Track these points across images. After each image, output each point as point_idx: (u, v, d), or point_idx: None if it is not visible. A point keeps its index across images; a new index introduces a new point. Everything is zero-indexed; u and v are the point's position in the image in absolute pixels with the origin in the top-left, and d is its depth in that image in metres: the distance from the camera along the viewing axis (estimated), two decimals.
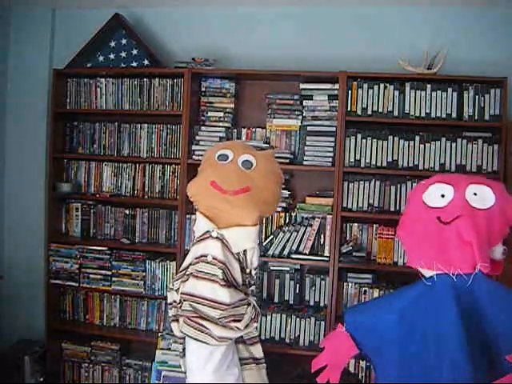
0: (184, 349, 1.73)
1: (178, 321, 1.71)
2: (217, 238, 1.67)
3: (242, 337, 1.75)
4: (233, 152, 1.76)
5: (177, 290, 1.72)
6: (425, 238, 1.60)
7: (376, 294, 3.10)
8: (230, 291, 1.62)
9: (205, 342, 1.62)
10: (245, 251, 1.71)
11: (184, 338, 1.73)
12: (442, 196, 1.61)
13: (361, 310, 1.80)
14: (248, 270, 1.74)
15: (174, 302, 1.73)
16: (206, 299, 1.61)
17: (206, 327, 1.61)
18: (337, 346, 1.71)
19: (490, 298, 1.50)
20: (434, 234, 1.58)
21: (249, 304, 1.70)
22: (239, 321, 1.65)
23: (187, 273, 1.70)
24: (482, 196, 1.57)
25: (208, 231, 1.69)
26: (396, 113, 3.06)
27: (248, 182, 1.70)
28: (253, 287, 1.80)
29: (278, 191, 1.82)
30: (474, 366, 1.40)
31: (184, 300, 1.67)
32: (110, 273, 3.38)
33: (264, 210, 1.76)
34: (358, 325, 1.71)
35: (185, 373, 1.75)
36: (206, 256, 1.66)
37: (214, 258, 1.64)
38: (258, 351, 1.83)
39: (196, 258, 1.69)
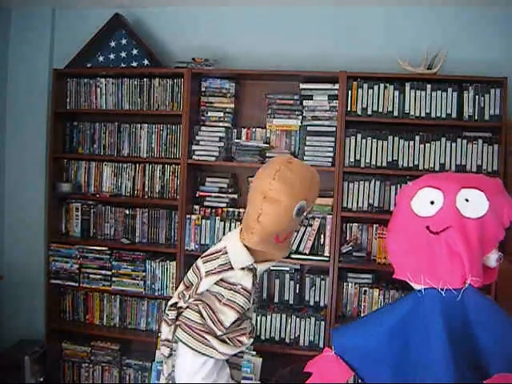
0: (171, 352, 1.72)
1: (168, 324, 1.71)
2: (250, 269, 1.66)
3: (226, 360, 1.75)
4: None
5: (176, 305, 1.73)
6: (413, 250, 1.50)
7: (376, 293, 3.10)
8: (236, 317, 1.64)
9: (208, 356, 1.62)
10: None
11: (171, 341, 1.71)
12: (432, 203, 1.48)
13: (349, 331, 1.67)
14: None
15: (178, 307, 1.73)
16: (215, 315, 1.63)
17: (209, 341, 1.61)
18: (327, 369, 1.61)
19: (478, 313, 1.42)
20: (423, 244, 1.47)
21: (247, 317, 1.72)
22: (242, 335, 1.67)
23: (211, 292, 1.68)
24: (474, 202, 1.45)
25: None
26: (396, 113, 3.05)
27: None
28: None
29: None
30: (458, 380, 1.34)
31: (190, 308, 1.66)
32: (110, 273, 3.38)
33: None
34: (348, 347, 1.61)
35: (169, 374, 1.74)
36: (235, 285, 1.65)
37: (243, 289, 1.63)
38: (238, 376, 1.82)
39: (225, 282, 1.66)
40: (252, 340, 1.73)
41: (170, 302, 1.74)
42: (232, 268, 1.64)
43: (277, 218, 1.59)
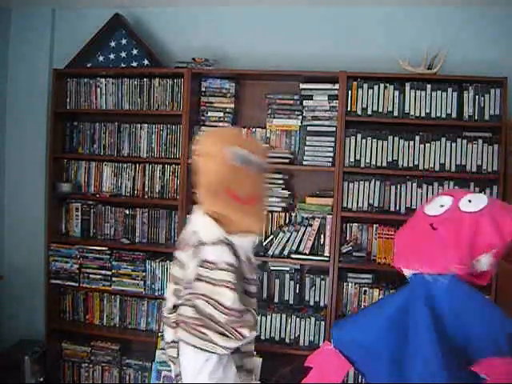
0: (178, 354, 1.70)
1: (172, 327, 1.69)
2: (226, 243, 1.62)
3: (238, 348, 1.74)
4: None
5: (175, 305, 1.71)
6: (411, 241, 1.64)
7: (376, 293, 3.10)
8: (236, 296, 1.59)
9: (211, 352, 1.61)
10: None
11: (176, 342, 1.70)
12: (442, 206, 1.64)
13: (348, 325, 1.75)
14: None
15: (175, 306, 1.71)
16: (213, 299, 1.59)
17: (208, 335, 1.59)
18: (326, 363, 1.65)
19: (464, 301, 1.48)
20: (421, 237, 1.60)
21: (249, 310, 1.69)
22: (243, 327, 1.64)
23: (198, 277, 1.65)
24: (475, 201, 1.59)
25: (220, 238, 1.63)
26: (396, 113, 3.05)
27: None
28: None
29: None
30: (446, 366, 1.38)
31: (184, 304, 1.65)
32: (110, 273, 3.38)
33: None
34: (347, 340, 1.66)
35: (177, 375, 1.73)
36: (216, 263, 1.60)
37: (226, 264, 1.59)
38: (250, 363, 1.81)
39: (208, 263, 1.61)
40: (255, 334, 1.72)
41: (168, 306, 1.70)
42: (205, 243, 1.61)
43: (212, 169, 1.58)
